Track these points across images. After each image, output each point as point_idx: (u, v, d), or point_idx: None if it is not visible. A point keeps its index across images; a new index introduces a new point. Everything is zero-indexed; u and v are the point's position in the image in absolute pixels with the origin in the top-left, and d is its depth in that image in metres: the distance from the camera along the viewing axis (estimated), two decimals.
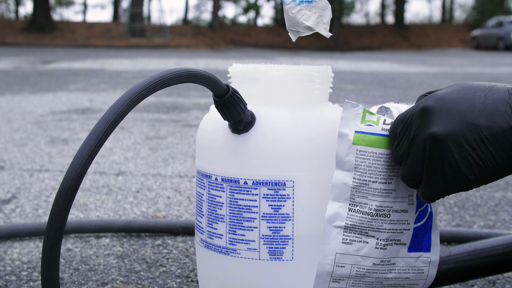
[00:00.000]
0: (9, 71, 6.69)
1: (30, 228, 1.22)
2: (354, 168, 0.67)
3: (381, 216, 0.67)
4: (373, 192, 0.67)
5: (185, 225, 1.25)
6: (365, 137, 0.68)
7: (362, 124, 0.68)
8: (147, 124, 2.90)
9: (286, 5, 0.73)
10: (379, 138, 0.67)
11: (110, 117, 0.61)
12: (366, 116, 0.68)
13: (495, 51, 18.68)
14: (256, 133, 0.75)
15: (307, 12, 0.72)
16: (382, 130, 0.68)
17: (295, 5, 0.72)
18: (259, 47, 20.84)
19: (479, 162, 0.58)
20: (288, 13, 0.73)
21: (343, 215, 0.67)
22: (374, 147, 0.67)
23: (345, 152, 0.68)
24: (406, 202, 0.68)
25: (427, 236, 0.70)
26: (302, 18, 0.72)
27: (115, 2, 30.24)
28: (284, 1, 0.73)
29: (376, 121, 0.68)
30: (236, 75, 0.80)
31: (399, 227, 0.68)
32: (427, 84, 5.71)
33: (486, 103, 0.59)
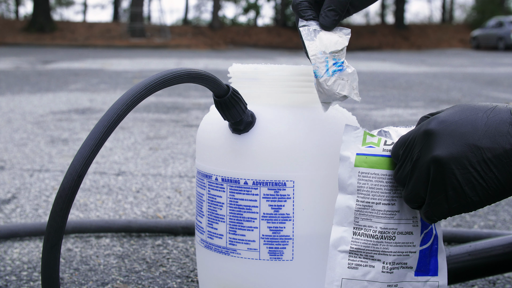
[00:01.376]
0: (9, 71, 6.69)
1: (30, 228, 1.22)
2: (356, 190, 0.67)
3: (386, 239, 0.67)
4: (377, 214, 0.67)
5: (185, 225, 1.25)
6: (366, 158, 0.67)
7: (363, 146, 0.68)
8: (147, 124, 2.90)
9: (320, 78, 0.70)
10: (381, 159, 0.67)
11: (110, 117, 0.61)
12: (367, 138, 0.68)
13: (495, 51, 18.67)
14: (256, 133, 0.75)
15: (341, 82, 0.70)
16: (384, 151, 0.68)
17: (329, 76, 0.70)
18: (259, 47, 20.84)
19: (482, 183, 0.58)
20: (323, 86, 0.70)
21: (348, 239, 0.67)
22: (377, 168, 0.67)
23: (347, 175, 0.67)
24: (411, 224, 0.67)
25: (433, 260, 0.69)
26: (338, 89, 0.70)
27: (115, 2, 30.24)
28: (317, 75, 0.70)
29: (377, 143, 0.68)
30: (236, 75, 0.80)
31: (405, 249, 0.67)
32: (427, 84, 5.71)
33: (489, 124, 0.59)
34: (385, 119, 3.19)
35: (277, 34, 24.11)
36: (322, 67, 0.70)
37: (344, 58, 0.71)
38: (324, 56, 0.70)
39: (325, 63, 0.70)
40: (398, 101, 4.15)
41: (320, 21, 0.72)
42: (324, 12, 0.71)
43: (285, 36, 23.74)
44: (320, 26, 0.72)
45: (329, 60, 0.70)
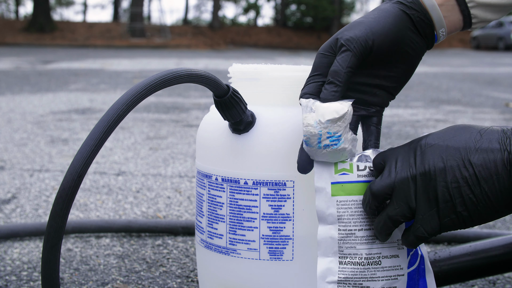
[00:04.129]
0: (9, 71, 6.69)
1: (30, 228, 1.22)
2: (337, 219, 0.66)
3: (372, 264, 0.66)
4: (360, 241, 0.66)
5: (185, 225, 1.25)
6: (343, 186, 0.67)
7: (336, 175, 0.67)
8: (147, 124, 2.90)
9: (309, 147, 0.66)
10: (357, 185, 0.67)
11: (110, 117, 0.61)
12: (338, 166, 0.67)
13: (495, 51, 18.68)
14: (256, 133, 0.75)
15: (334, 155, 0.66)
16: (359, 176, 0.67)
17: (319, 149, 0.66)
18: (259, 47, 20.85)
19: (472, 198, 0.59)
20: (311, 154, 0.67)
21: (335, 269, 0.66)
22: (354, 194, 0.67)
23: (325, 206, 0.67)
24: (396, 246, 0.67)
25: (422, 281, 0.69)
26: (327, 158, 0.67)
27: (115, 2, 30.24)
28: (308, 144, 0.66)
29: (350, 169, 0.67)
30: (236, 75, 0.80)
31: (393, 273, 0.67)
32: (427, 84, 5.71)
33: (482, 141, 0.60)
34: (385, 119, 3.19)
35: (277, 34, 24.12)
36: (314, 139, 0.65)
37: (342, 131, 0.65)
38: (318, 128, 0.65)
39: (318, 136, 0.65)
40: (398, 101, 4.14)
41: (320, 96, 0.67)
42: (324, 87, 0.67)
43: (285, 36, 23.75)
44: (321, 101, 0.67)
45: (323, 134, 0.65)
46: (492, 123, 3.09)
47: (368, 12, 0.72)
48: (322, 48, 0.70)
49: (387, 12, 0.69)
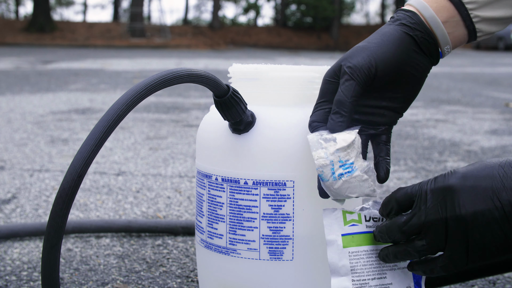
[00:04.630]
0: (9, 71, 6.69)
1: (30, 228, 1.22)
2: (350, 271, 0.67)
3: None
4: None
5: (185, 225, 1.25)
6: (353, 238, 0.68)
7: (346, 226, 0.68)
8: (147, 124, 2.90)
9: (326, 182, 0.67)
10: (366, 236, 0.68)
11: (110, 117, 0.61)
12: (347, 217, 0.68)
13: (495, 51, 18.68)
14: (256, 133, 0.75)
15: (350, 185, 0.67)
16: (367, 227, 0.68)
17: (335, 180, 0.66)
18: (259, 47, 20.85)
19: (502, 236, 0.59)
20: (331, 189, 0.68)
21: None
22: (365, 245, 0.68)
23: (337, 258, 0.67)
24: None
25: None
26: (347, 191, 0.67)
27: (115, 2, 30.24)
28: (323, 178, 0.67)
29: (358, 220, 0.69)
30: (236, 75, 0.80)
31: None
32: (427, 84, 5.71)
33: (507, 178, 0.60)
34: None
35: (277, 34, 24.11)
36: (328, 170, 0.66)
37: (354, 159, 0.67)
38: (330, 158, 0.66)
39: (330, 165, 0.66)
40: None
41: (327, 126, 0.69)
42: (330, 117, 0.68)
43: (285, 36, 23.75)
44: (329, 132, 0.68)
45: (335, 163, 0.66)
46: (492, 123, 3.09)
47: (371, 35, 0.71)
48: (327, 74, 0.71)
49: (390, 36, 0.69)
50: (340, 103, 0.67)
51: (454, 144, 2.44)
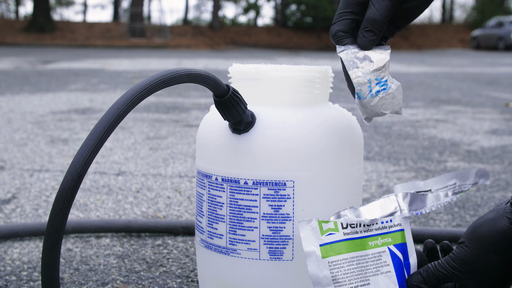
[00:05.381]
0: (9, 71, 6.69)
1: (30, 228, 1.22)
2: (332, 281, 0.67)
3: None
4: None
5: (185, 225, 1.25)
6: (331, 247, 0.68)
7: (323, 236, 0.68)
8: (147, 124, 2.90)
9: (363, 100, 0.70)
10: (345, 243, 0.68)
11: (110, 117, 0.61)
12: (323, 226, 0.68)
13: (495, 51, 18.68)
14: (256, 133, 0.75)
15: (384, 102, 0.70)
16: (345, 234, 0.68)
17: (372, 97, 0.70)
18: (259, 47, 20.84)
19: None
20: (367, 107, 0.70)
21: None
22: (344, 253, 0.68)
23: (318, 269, 0.67)
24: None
25: None
26: (382, 108, 0.71)
27: (115, 2, 30.23)
28: (361, 97, 0.70)
29: (335, 228, 0.68)
30: (236, 75, 0.80)
31: None
32: (427, 84, 5.71)
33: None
34: (385, 119, 3.19)
35: (277, 34, 24.11)
36: (365, 88, 0.69)
37: (387, 76, 0.70)
38: (367, 77, 0.69)
39: (368, 84, 0.69)
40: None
41: (358, 42, 0.71)
42: (362, 33, 0.70)
43: (285, 36, 23.74)
44: (359, 48, 0.71)
45: (372, 81, 0.69)
46: (492, 123, 3.09)
47: None
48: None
49: None
50: (374, 22, 0.69)
51: (454, 144, 2.44)
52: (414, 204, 0.73)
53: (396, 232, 0.71)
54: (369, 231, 0.70)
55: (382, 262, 0.69)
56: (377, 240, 0.70)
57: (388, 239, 0.70)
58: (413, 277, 0.69)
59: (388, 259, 0.70)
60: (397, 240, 0.71)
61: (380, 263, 0.69)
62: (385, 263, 0.69)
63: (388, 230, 0.71)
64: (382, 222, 0.71)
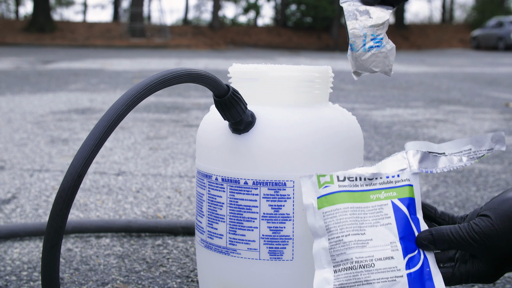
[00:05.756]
0: (9, 71, 6.69)
1: (30, 228, 1.22)
2: (326, 230, 0.68)
3: (365, 267, 0.66)
4: (348, 246, 0.67)
5: (185, 225, 1.25)
6: (326, 198, 0.69)
7: (320, 189, 0.70)
8: (147, 124, 2.90)
9: (355, 52, 0.71)
10: (339, 195, 0.69)
11: (110, 117, 0.61)
12: (321, 180, 0.70)
13: (495, 51, 18.68)
14: (256, 133, 0.75)
15: (376, 59, 0.71)
16: (340, 186, 0.69)
17: (364, 51, 0.71)
18: (259, 47, 20.84)
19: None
20: (358, 60, 0.71)
21: (330, 278, 0.67)
22: (337, 203, 0.69)
23: (314, 220, 0.69)
24: (389, 249, 0.67)
25: (429, 283, 0.68)
26: (372, 65, 0.71)
27: (115, 2, 30.23)
28: (353, 48, 0.71)
29: (330, 180, 0.70)
30: (236, 75, 0.80)
31: (389, 275, 0.67)
32: (427, 84, 5.71)
33: None
34: (385, 119, 3.19)
35: (277, 34, 24.11)
36: (360, 41, 0.70)
37: (384, 34, 0.71)
38: (363, 31, 0.70)
39: (363, 37, 0.70)
40: (398, 101, 4.14)
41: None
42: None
43: (285, 36, 23.74)
44: (362, 2, 0.72)
45: (368, 35, 0.70)
46: (492, 123, 3.09)
47: None
48: None
49: None
50: None
51: None
52: (424, 163, 0.72)
53: (403, 187, 0.70)
54: (372, 185, 0.70)
55: (383, 215, 0.69)
56: (380, 193, 0.70)
57: (393, 193, 0.70)
58: (423, 234, 0.68)
59: (390, 211, 0.69)
60: (403, 194, 0.70)
61: (381, 215, 0.69)
62: (386, 216, 0.69)
63: (394, 185, 0.70)
64: (387, 177, 0.70)
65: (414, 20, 35.93)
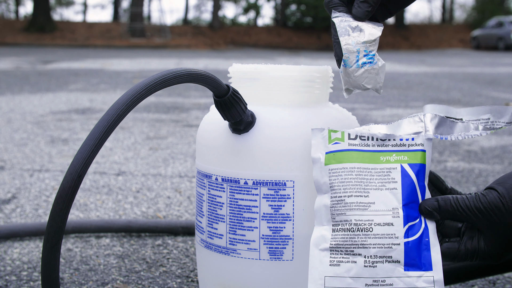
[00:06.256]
0: (9, 71, 6.69)
1: (30, 228, 1.22)
2: (330, 188, 0.67)
3: (362, 231, 0.65)
4: (349, 207, 0.66)
5: (185, 225, 1.25)
6: (334, 155, 0.68)
7: (330, 144, 0.69)
8: (147, 124, 2.90)
9: (349, 68, 0.71)
10: (347, 153, 0.68)
11: (110, 117, 0.61)
12: (331, 136, 0.69)
13: (495, 51, 18.68)
14: (256, 133, 0.75)
15: (368, 75, 0.71)
16: (349, 145, 0.69)
17: (358, 68, 0.70)
18: (259, 47, 20.85)
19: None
20: (351, 76, 0.71)
21: (328, 236, 0.67)
22: (344, 162, 0.68)
23: (320, 175, 0.68)
24: (390, 215, 0.66)
25: (426, 253, 0.66)
26: (365, 81, 0.71)
27: (115, 2, 30.23)
28: (347, 64, 0.70)
29: (341, 138, 0.69)
30: (236, 75, 0.80)
31: (386, 241, 0.65)
32: (427, 84, 5.71)
33: None
34: (385, 119, 3.19)
35: (277, 34, 24.11)
36: (353, 57, 0.70)
37: (375, 51, 0.71)
38: (357, 47, 0.70)
39: (356, 53, 0.70)
40: (398, 101, 4.15)
41: (353, 12, 0.72)
42: (357, 4, 0.71)
43: (285, 36, 23.74)
44: (353, 18, 0.72)
45: (361, 51, 0.70)
46: None
47: None
48: None
49: None
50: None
51: (454, 144, 2.44)
52: (441, 128, 0.70)
53: (416, 151, 0.68)
54: (384, 146, 0.69)
55: (390, 179, 0.67)
56: (391, 156, 0.68)
57: (404, 157, 0.68)
58: (428, 201, 0.67)
59: (397, 176, 0.67)
60: (414, 160, 0.68)
61: (388, 179, 0.67)
62: (393, 180, 0.67)
63: (407, 148, 0.68)
64: (401, 139, 0.69)
65: (414, 20, 35.92)
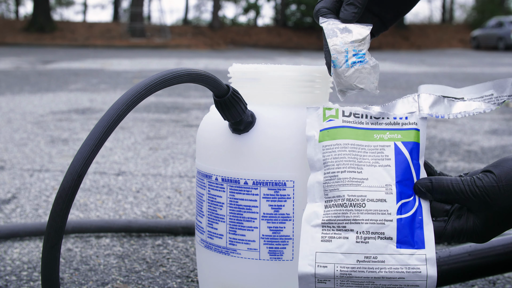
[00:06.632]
0: (9, 71, 6.69)
1: (30, 228, 1.22)
2: (323, 164, 0.68)
3: (355, 206, 0.65)
4: (342, 182, 0.66)
5: (185, 225, 1.25)
6: (328, 132, 0.69)
7: (324, 122, 0.69)
8: (147, 124, 2.90)
9: (338, 69, 0.70)
10: (342, 130, 0.68)
11: (110, 117, 0.61)
12: (326, 113, 0.69)
13: (495, 51, 18.68)
14: (256, 133, 0.75)
15: (360, 75, 0.70)
16: (344, 122, 0.69)
17: (347, 67, 0.70)
18: (259, 47, 20.85)
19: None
20: (341, 77, 0.70)
21: (320, 213, 0.66)
22: (338, 138, 0.68)
23: (314, 153, 0.69)
24: (383, 191, 0.65)
25: (418, 231, 0.65)
26: (356, 81, 0.70)
27: (115, 2, 30.23)
28: (336, 65, 0.70)
29: (335, 115, 0.69)
30: (236, 75, 0.80)
31: (379, 217, 0.65)
32: (427, 84, 5.70)
33: None
34: None
35: (277, 34, 24.11)
36: (342, 57, 0.70)
37: (366, 50, 0.70)
38: (345, 47, 0.70)
39: (345, 53, 0.69)
40: None
41: (340, 16, 0.72)
42: (344, 7, 0.72)
43: (285, 36, 23.74)
44: (341, 21, 0.72)
45: (349, 51, 0.69)
46: (492, 123, 3.09)
47: None
48: None
49: None
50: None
51: (454, 144, 2.44)
52: (436, 107, 0.70)
53: (409, 130, 0.69)
54: (377, 124, 0.69)
55: (384, 156, 0.67)
56: (384, 134, 0.68)
57: (398, 135, 0.68)
58: (422, 181, 0.67)
59: (391, 153, 0.67)
60: (408, 138, 0.68)
61: (381, 156, 0.67)
62: (387, 157, 0.67)
63: (401, 127, 0.69)
64: (394, 118, 0.69)
65: (414, 20, 35.90)
